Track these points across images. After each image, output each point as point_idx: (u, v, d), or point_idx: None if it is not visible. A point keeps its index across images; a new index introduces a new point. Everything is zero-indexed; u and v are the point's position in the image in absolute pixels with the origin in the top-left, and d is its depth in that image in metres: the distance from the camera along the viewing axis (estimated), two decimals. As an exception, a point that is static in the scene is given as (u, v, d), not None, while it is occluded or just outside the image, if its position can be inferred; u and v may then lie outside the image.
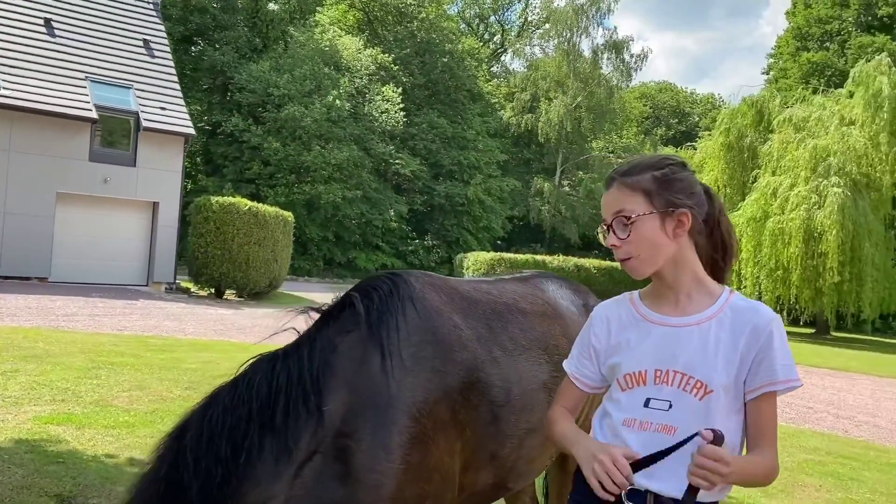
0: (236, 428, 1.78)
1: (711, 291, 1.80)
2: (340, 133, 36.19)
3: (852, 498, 5.70)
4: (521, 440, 2.25)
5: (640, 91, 59.96)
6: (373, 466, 1.83)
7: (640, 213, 1.75)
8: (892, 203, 25.93)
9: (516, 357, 2.29)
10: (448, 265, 41.22)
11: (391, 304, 2.04)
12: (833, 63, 36.38)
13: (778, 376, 1.68)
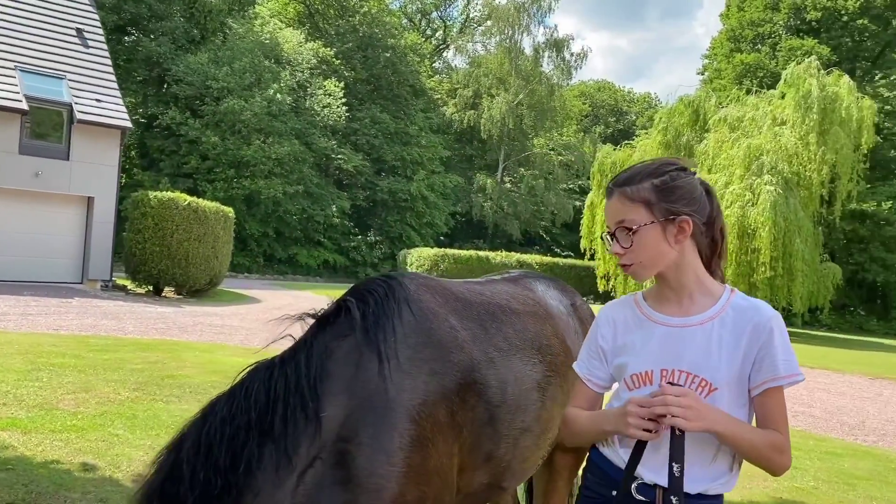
0: (235, 437, 1.74)
1: (713, 291, 1.85)
2: (281, 127, 35.66)
3: (797, 486, 5.92)
4: (515, 440, 2.27)
5: (579, 89, 60.85)
6: (374, 470, 1.82)
7: (642, 223, 1.78)
8: (820, 201, 26.94)
9: (511, 357, 2.30)
10: (391, 261, 41.11)
11: (387, 307, 2.02)
12: (765, 64, 37.61)
13: (780, 372, 1.73)
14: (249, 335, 12.96)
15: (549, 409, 2.40)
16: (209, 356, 9.63)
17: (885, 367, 17.43)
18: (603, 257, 29.75)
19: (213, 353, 10.08)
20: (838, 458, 7.24)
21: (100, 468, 4.57)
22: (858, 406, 11.17)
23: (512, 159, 48.86)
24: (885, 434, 9.08)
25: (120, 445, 5.11)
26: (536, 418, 2.35)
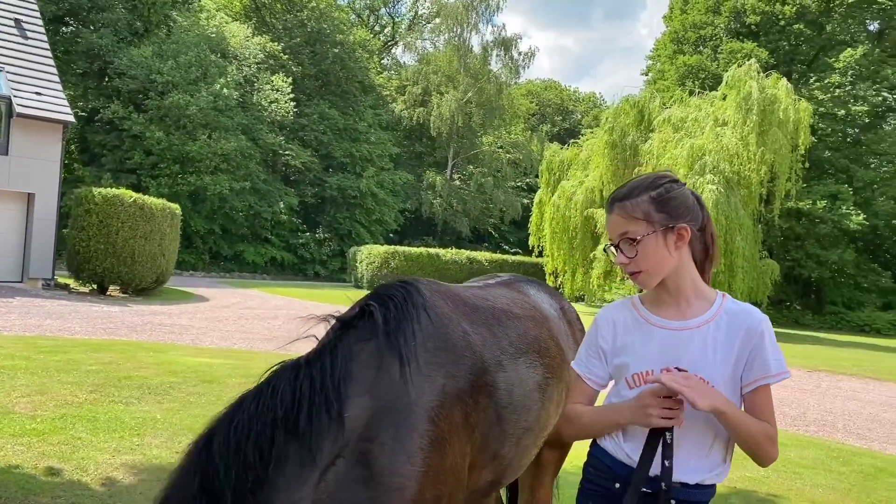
0: (262, 434, 1.79)
1: (707, 296, 1.97)
2: (228, 122, 35.08)
3: (749, 476, 6.18)
4: (518, 439, 2.37)
5: (526, 88, 61.43)
6: (395, 470, 1.88)
7: (644, 233, 1.90)
8: (760, 199, 27.79)
9: (516, 360, 2.40)
10: (340, 258, 40.90)
11: (406, 311, 2.09)
12: (707, 66, 38.61)
13: (771, 370, 1.88)
14: (200, 334, 12.79)
15: (547, 408, 2.51)
16: (164, 356, 9.49)
17: (822, 360, 18.17)
18: (550, 254, 30.14)
19: (166, 353, 9.93)
20: (784, 449, 7.56)
21: (66, 472, 4.51)
22: (799, 398, 11.65)
23: (461, 157, 49.10)
24: (825, 424, 9.51)
25: (84, 448, 5.04)
26: (537, 418, 2.46)
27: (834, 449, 7.91)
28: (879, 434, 9.16)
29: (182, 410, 6.51)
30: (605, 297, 31.85)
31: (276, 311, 19.17)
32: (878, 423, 10.01)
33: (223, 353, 10.49)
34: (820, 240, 35.82)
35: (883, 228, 37.25)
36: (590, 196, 28.81)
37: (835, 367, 16.71)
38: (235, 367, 9.10)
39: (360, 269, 34.37)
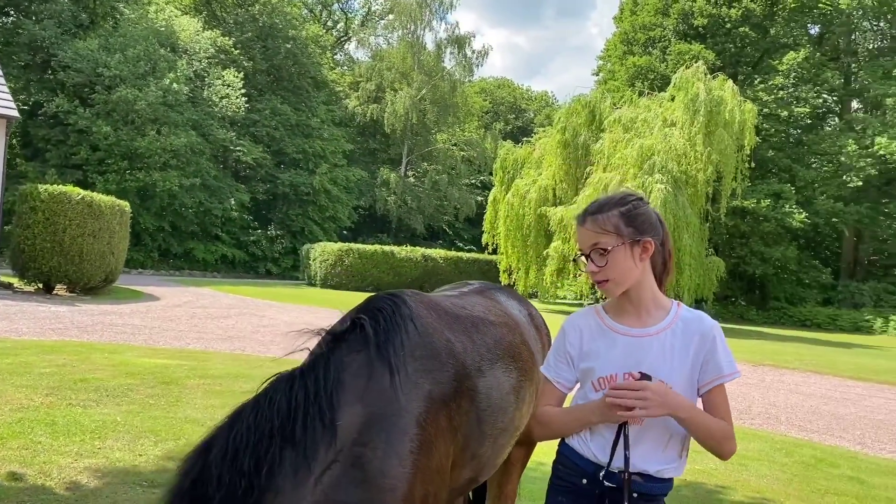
0: (259, 443, 1.89)
1: (664, 305, 2.16)
2: (177, 118, 34.49)
3: (699, 468, 6.44)
4: (495, 439, 2.51)
5: (480, 86, 61.77)
6: (388, 471, 2.00)
7: (614, 245, 2.07)
8: (706, 198, 28.54)
9: (494, 365, 2.54)
10: (293, 256, 40.59)
11: (394, 323, 2.21)
12: (656, 67, 39.41)
13: (724, 371, 2.08)
14: (154, 334, 12.63)
15: (521, 409, 2.66)
16: (119, 357, 9.38)
17: (766, 355, 18.80)
18: (505, 251, 30.46)
19: (121, 354, 9.81)
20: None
21: (29, 477, 4.48)
22: (744, 392, 12.07)
23: (415, 154, 49.16)
24: (769, 417, 9.90)
25: (45, 453, 5.00)
26: (512, 419, 2.61)
27: (777, 441, 8.26)
28: (819, 426, 9.58)
29: (142, 412, 6.48)
30: (558, 293, 32.37)
31: (229, 309, 19.00)
32: (818, 415, 10.46)
33: (179, 354, 10.40)
34: (764, 237, 36.93)
35: (823, 226, 38.59)
36: (543, 194, 29.20)
37: (778, 362, 17.31)
38: (193, 369, 9.05)
39: (313, 266, 34.18)
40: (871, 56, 41.96)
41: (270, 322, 16.57)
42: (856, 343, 27.19)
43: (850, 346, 25.57)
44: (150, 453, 5.29)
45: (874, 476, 6.92)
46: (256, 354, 11.21)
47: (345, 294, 29.10)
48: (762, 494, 5.89)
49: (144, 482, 4.65)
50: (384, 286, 32.40)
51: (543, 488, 5.12)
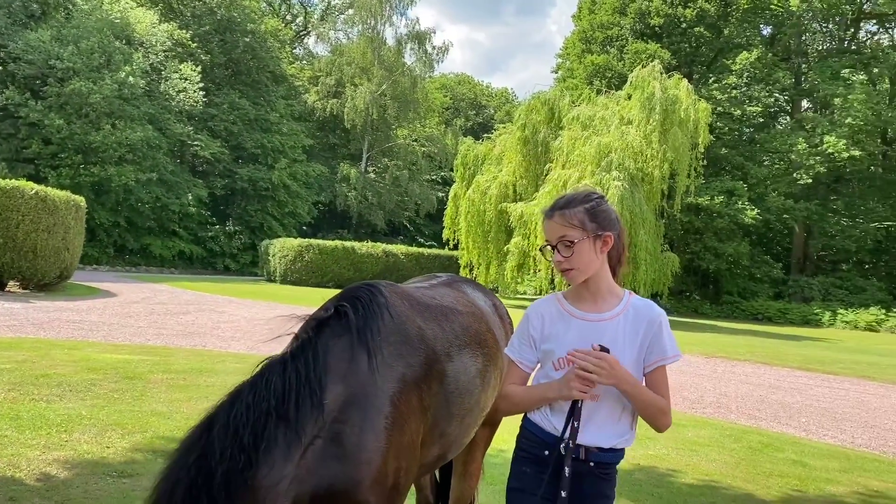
0: (258, 421, 2.07)
1: (618, 294, 2.38)
2: (133, 112, 33.99)
3: (651, 454, 6.72)
4: (462, 418, 2.72)
5: (440, 82, 61.93)
6: (364, 446, 2.21)
7: (580, 238, 2.28)
8: (661, 195, 29.12)
9: (461, 351, 2.75)
10: (252, 252, 40.29)
11: (372, 311, 2.41)
12: (613, 66, 40.02)
13: (667, 353, 2.33)
14: (112, 331, 12.54)
15: (486, 391, 2.88)
16: (79, 353, 9.34)
17: (718, 347, 19.35)
18: (466, 247, 30.69)
19: (81, 350, 9.75)
20: (683, 429, 8.19)
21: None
22: (697, 383, 12.47)
23: (376, 149, 49.11)
24: (720, 406, 10.28)
25: (13, 446, 5.04)
26: (478, 400, 2.82)
27: (727, 428, 8.61)
28: (767, 413, 9.99)
29: (107, 406, 6.52)
30: (518, 289, 32.72)
31: (188, 305, 18.87)
32: (767, 403, 10.88)
33: (140, 350, 10.38)
34: (717, 233, 37.81)
35: (774, 222, 39.68)
36: (504, 190, 29.50)
37: (730, 354, 17.84)
38: (155, 364, 9.06)
39: (272, 262, 33.98)
40: (820, 57, 43.23)
41: (230, 318, 16.53)
42: (804, 336, 28.07)
43: (799, 338, 26.40)
44: (118, 445, 5.35)
45: (816, 459, 7.29)
46: (218, 350, 11.22)
47: (305, 290, 29.04)
48: (711, 477, 6.19)
49: (114, 473, 4.72)
50: (345, 282, 32.38)
51: (503, 472, 5.34)
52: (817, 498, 5.88)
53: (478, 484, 3.51)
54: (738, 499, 5.63)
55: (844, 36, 43.88)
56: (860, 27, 44.41)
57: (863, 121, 37.30)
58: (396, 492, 2.34)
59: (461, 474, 3.33)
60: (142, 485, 4.51)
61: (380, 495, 2.26)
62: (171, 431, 5.78)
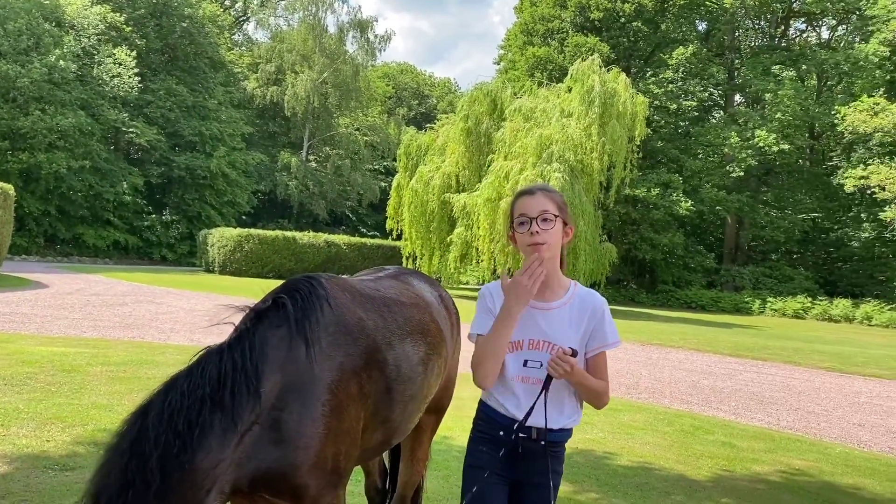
0: (192, 408, 2.13)
1: (565, 285, 2.56)
2: (65, 97, 32.90)
3: (589, 438, 6.97)
4: (405, 405, 2.82)
5: (382, 71, 61.61)
6: (302, 432, 2.30)
7: (559, 215, 2.48)
8: (600, 187, 29.70)
9: (403, 340, 2.85)
10: (190, 242, 39.49)
11: (311, 302, 2.49)
12: (554, 58, 40.47)
13: (608, 340, 2.53)
14: (46, 323, 12.22)
15: (428, 379, 2.99)
16: (12, 346, 9.10)
17: (654, 335, 19.94)
18: (409, 237, 30.76)
19: (14, 342, 9.50)
20: (619, 413, 8.49)
21: (-67, 465, 4.43)
22: (633, 369, 12.87)
23: (317, 138, 48.64)
24: (655, 392, 10.66)
25: (-52, 441, 4.93)
26: (420, 387, 2.93)
27: (661, 412, 8.95)
28: (698, 398, 10.40)
29: (45, 400, 6.40)
30: (461, 279, 32.97)
31: (125, 297, 18.46)
32: (698, 388, 11.32)
33: (76, 342, 10.16)
34: (653, 224, 38.75)
35: (708, 214, 40.89)
36: (447, 181, 29.63)
37: (664, 341, 18.42)
38: (94, 356, 8.90)
39: (211, 252, 33.39)
40: (752, 53, 44.59)
41: (169, 309, 16.25)
42: (735, 323, 29.11)
43: (731, 326, 27.37)
44: (59, 439, 5.29)
45: (743, 441, 7.67)
46: (158, 342, 11.06)
47: (244, 280, 28.67)
48: (645, 459, 6.46)
49: (56, 466, 4.68)
50: (286, 273, 32.06)
51: (447, 458, 5.49)
52: (744, 477, 6.21)
53: (425, 468, 3.63)
54: (670, 479, 5.90)
55: (775, 33, 45.36)
56: (790, 25, 45.97)
57: (792, 116, 38.72)
58: (336, 475, 2.44)
59: (409, 459, 3.44)
60: (85, 478, 4.44)
61: (319, 479, 2.36)
62: (114, 424, 5.69)
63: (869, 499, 5.93)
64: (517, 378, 2.47)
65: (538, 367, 2.44)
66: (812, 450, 7.60)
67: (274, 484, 2.30)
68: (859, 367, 15.50)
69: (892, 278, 38.82)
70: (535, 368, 2.45)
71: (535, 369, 2.45)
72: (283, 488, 2.33)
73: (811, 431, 8.69)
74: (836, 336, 26.19)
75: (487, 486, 2.47)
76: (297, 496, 2.37)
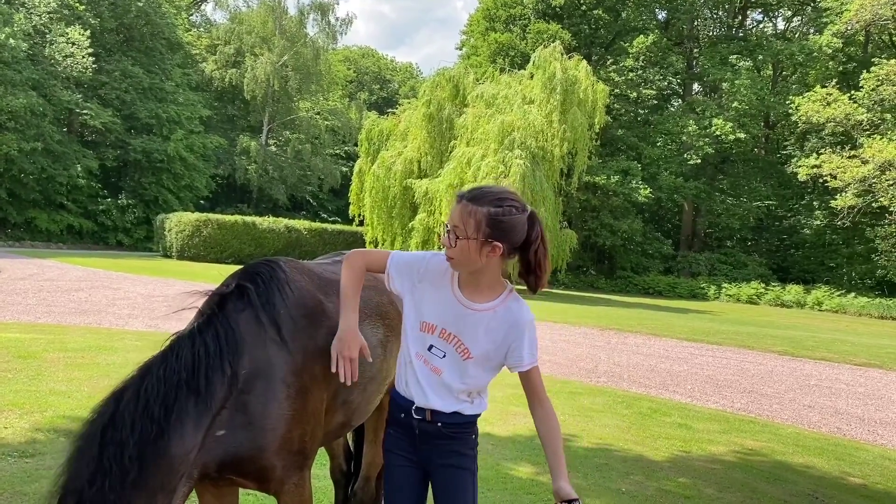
0: (168, 394, 2.14)
1: (497, 292, 2.46)
2: (15, 76, 31.95)
3: (550, 420, 7.09)
4: (364, 387, 2.85)
5: (343, 54, 61.02)
6: (268, 414, 2.33)
7: (466, 236, 2.34)
8: (560, 173, 29.96)
9: (362, 323, 2.83)
10: (146, 226, 38.82)
11: (272, 286, 2.51)
12: (516, 45, 40.55)
13: (524, 362, 2.44)
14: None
15: (388, 361, 3.01)
16: (-36, 333, 8.89)
17: (612, 320, 20.25)
18: (371, 223, 30.65)
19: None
20: (579, 397, 8.65)
21: None
22: (592, 353, 13.09)
23: (277, 122, 48.07)
24: (613, 375, 10.86)
25: None
26: (380, 369, 2.96)
27: (619, 395, 9.14)
28: (656, 382, 10.63)
29: (1, 386, 6.28)
30: (422, 264, 32.89)
31: (80, 282, 18.10)
32: (656, 372, 11.57)
33: (30, 328, 9.97)
34: (613, 211, 39.23)
35: (666, 201, 41.52)
36: (409, 167, 29.55)
37: (623, 326, 18.71)
38: (50, 342, 8.74)
39: (169, 237, 32.83)
40: (710, 43, 45.25)
41: (126, 295, 16.00)
42: (692, 308, 29.70)
43: (687, 311, 27.92)
44: (17, 426, 5.21)
45: (699, 422, 7.88)
46: (116, 328, 10.90)
47: (203, 266, 28.30)
48: (605, 441, 6.60)
49: (15, 453, 4.62)
50: (245, 258, 31.70)
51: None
52: (700, 457, 6.39)
53: (389, 451, 3.68)
54: (629, 459, 6.05)
55: (732, 23, 46.06)
56: (748, 15, 46.73)
57: (748, 105, 39.48)
58: (302, 456, 2.48)
59: (372, 441, 3.47)
60: (45, 464, 4.44)
61: (286, 460, 2.40)
62: (73, 410, 5.65)
63: (818, 476, 6.16)
64: (418, 356, 2.46)
65: (441, 357, 2.44)
66: (765, 431, 7.84)
67: (241, 466, 2.32)
68: (809, 351, 15.97)
69: (842, 265, 39.98)
70: (438, 357, 2.44)
71: (438, 357, 2.44)
72: (250, 470, 2.36)
73: (764, 413, 8.96)
74: (788, 321, 26.91)
75: (396, 468, 2.53)
76: (264, 478, 2.40)
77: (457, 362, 2.43)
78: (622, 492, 5.18)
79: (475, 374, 2.45)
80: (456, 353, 2.43)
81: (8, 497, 3.92)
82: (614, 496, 5.07)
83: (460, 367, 2.43)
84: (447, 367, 2.43)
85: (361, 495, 3.54)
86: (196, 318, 2.44)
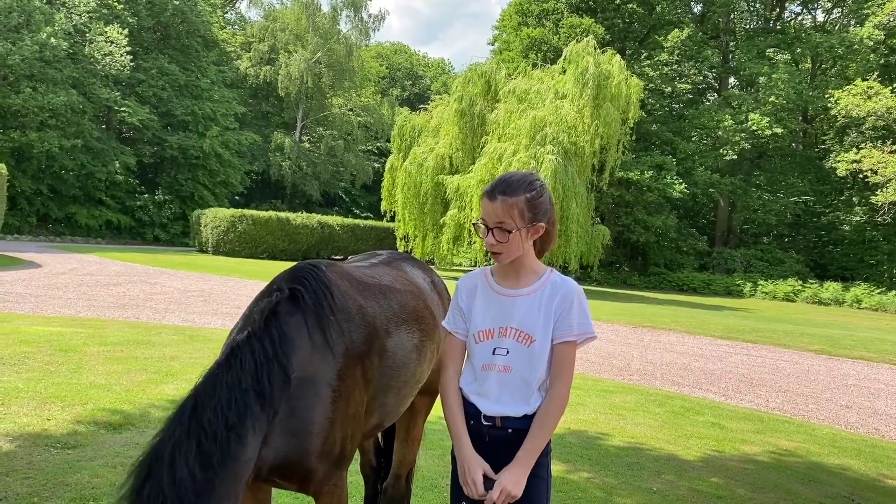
0: (240, 400, 2.20)
1: (538, 272, 2.51)
2: (56, 75, 32.67)
3: (581, 419, 7.08)
4: (399, 390, 2.91)
5: (376, 50, 61.23)
6: (315, 418, 2.38)
7: (517, 227, 2.40)
8: (593, 169, 29.74)
9: (399, 327, 2.92)
10: (182, 221, 39.44)
11: (319, 290, 2.55)
12: (549, 40, 40.31)
13: (573, 330, 2.42)
14: (41, 303, 12.26)
15: (422, 364, 3.07)
16: (8, 326, 9.14)
17: (645, 317, 20.09)
18: (403, 219, 30.75)
19: (10, 322, 9.54)
20: (611, 395, 8.61)
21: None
22: (624, 351, 13.00)
23: (310, 118, 48.44)
24: (646, 373, 10.78)
25: (-51, 420, 4.99)
26: (414, 373, 3.01)
27: (652, 394, 9.07)
28: (689, 380, 10.54)
29: (44, 379, 6.46)
30: (454, 261, 33.02)
31: (118, 277, 18.48)
32: (689, 371, 11.46)
33: (72, 322, 10.20)
34: (646, 207, 38.84)
35: (701, 196, 41.01)
36: (440, 162, 29.59)
37: (656, 323, 18.55)
38: (90, 336, 8.95)
39: (204, 233, 33.34)
40: (747, 36, 44.51)
41: (163, 289, 16.28)
42: (726, 306, 29.31)
43: (721, 308, 27.57)
44: (59, 417, 5.35)
45: (732, 422, 7.79)
46: (153, 322, 11.11)
47: (238, 261, 28.68)
48: (636, 439, 6.57)
49: (57, 444, 4.75)
50: (279, 253, 32.08)
51: (442, 439, 5.59)
52: (733, 457, 6.33)
53: (419, 448, 3.72)
54: (661, 459, 6.01)
55: (770, 16, 45.25)
56: (785, 8, 45.86)
57: (785, 99, 38.77)
58: (343, 458, 2.52)
59: (403, 439, 3.52)
60: (87, 455, 4.56)
61: (328, 463, 2.44)
62: (112, 403, 5.80)
63: (854, 479, 6.07)
64: (485, 367, 2.45)
65: (505, 355, 2.43)
66: (800, 431, 7.74)
67: (286, 469, 2.36)
68: (847, 350, 15.68)
69: (882, 262, 39.12)
70: (503, 356, 2.43)
71: (503, 356, 2.42)
72: (294, 473, 2.40)
73: (799, 413, 8.83)
74: (826, 319, 26.44)
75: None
76: (306, 480, 2.44)
77: (522, 352, 2.41)
78: (653, 491, 5.16)
79: (543, 356, 2.41)
80: (518, 343, 2.42)
81: (51, 487, 4.04)
82: (645, 495, 5.05)
83: (528, 356, 2.41)
84: (515, 362, 2.40)
85: (392, 493, 3.59)
86: (247, 322, 2.47)
